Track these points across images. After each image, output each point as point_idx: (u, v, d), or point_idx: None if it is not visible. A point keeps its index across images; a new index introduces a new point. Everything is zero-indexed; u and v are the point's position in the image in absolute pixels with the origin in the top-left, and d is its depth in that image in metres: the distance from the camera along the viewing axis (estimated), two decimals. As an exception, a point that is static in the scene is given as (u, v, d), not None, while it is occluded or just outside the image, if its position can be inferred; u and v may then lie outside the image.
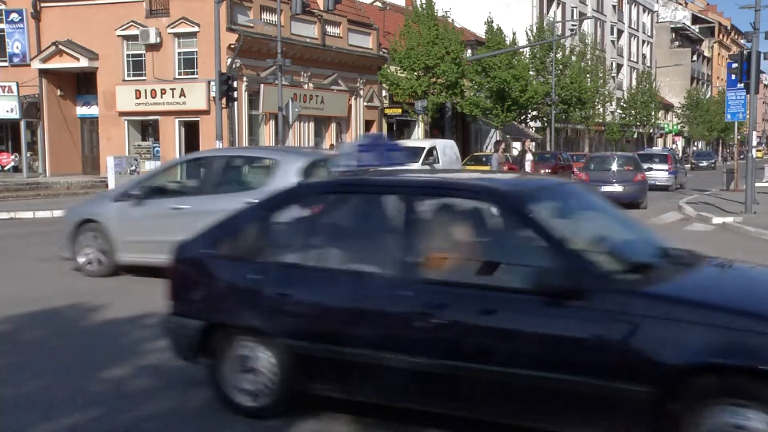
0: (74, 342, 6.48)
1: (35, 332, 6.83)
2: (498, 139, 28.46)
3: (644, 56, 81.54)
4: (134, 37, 29.86)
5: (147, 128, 31.37)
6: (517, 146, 52.87)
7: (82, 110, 32.15)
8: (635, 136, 73.28)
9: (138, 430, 4.53)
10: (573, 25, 55.32)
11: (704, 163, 58.64)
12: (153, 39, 29.22)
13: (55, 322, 7.19)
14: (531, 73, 43.01)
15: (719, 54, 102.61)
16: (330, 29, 34.14)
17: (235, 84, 24.27)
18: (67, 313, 7.58)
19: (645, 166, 28.41)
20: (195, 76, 29.49)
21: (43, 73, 30.65)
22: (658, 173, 29.48)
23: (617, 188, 20.60)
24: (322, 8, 31.30)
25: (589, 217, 5.09)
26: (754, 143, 19.38)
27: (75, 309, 7.74)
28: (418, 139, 38.30)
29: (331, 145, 33.74)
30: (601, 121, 59.94)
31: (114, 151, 28.89)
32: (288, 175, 8.03)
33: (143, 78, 30.17)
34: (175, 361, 5.85)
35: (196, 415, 4.73)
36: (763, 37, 29.65)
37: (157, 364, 5.77)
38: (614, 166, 22.75)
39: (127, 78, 30.51)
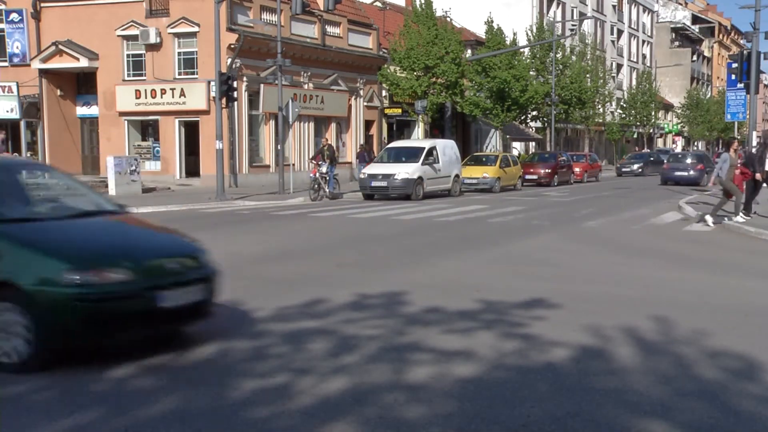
0: (74, 342, 6.45)
1: (35, 332, 6.81)
2: (734, 137, 25.08)
3: (644, 56, 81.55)
4: (134, 37, 29.87)
5: (147, 128, 31.38)
6: (517, 146, 52.96)
7: (82, 110, 32.16)
8: (635, 136, 73.31)
9: (139, 431, 4.52)
10: (573, 25, 55.35)
11: (634, 167, 46.47)
12: (153, 39, 29.23)
13: (56, 322, 7.16)
14: (531, 73, 43.03)
15: (719, 54, 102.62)
16: (330, 29, 34.15)
17: (235, 84, 24.29)
18: (67, 313, 7.55)
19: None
20: (195, 76, 29.50)
21: (43, 73, 30.67)
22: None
23: (686, 173, 33.30)
24: (322, 8, 31.29)
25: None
26: (754, 143, 19.38)
27: (75, 309, 7.71)
28: (418, 139, 38.32)
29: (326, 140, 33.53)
30: (601, 121, 59.95)
31: (114, 151, 28.91)
32: None
33: (143, 78, 30.18)
34: (177, 361, 5.85)
35: (198, 416, 4.72)
36: (763, 37, 29.69)
37: (160, 364, 5.77)
38: (686, 160, 34.74)
39: (127, 78, 30.51)
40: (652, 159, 48.93)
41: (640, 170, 46.35)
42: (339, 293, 8.34)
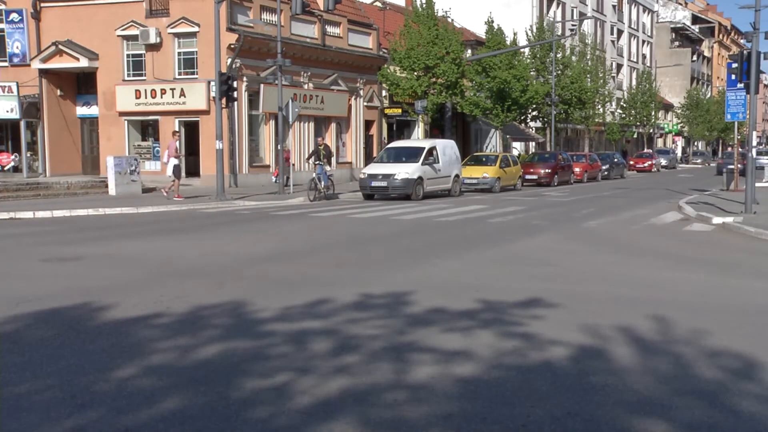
0: (75, 342, 6.46)
1: (35, 332, 6.82)
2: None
3: (644, 56, 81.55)
4: (134, 37, 29.89)
5: (147, 128, 31.40)
6: (517, 146, 52.94)
7: (82, 110, 32.18)
8: (635, 136, 73.30)
9: (139, 431, 4.52)
10: (573, 25, 55.36)
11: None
12: (153, 39, 29.24)
13: (55, 322, 7.18)
14: (531, 73, 43.05)
15: (719, 54, 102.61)
16: (330, 29, 34.15)
17: (235, 84, 24.29)
18: (67, 313, 7.57)
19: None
20: (195, 76, 29.51)
21: (43, 73, 30.68)
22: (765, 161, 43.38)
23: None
24: (322, 8, 31.32)
25: None
26: (754, 143, 19.36)
27: (75, 309, 7.73)
28: (418, 139, 38.32)
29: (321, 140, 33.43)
30: (601, 121, 59.97)
31: (114, 151, 28.94)
32: None
33: (143, 78, 30.20)
34: (178, 362, 5.85)
35: (198, 416, 4.72)
36: (763, 37, 29.67)
37: (160, 365, 5.76)
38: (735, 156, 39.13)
39: (127, 78, 30.52)
40: (615, 160, 45.54)
41: (605, 173, 42.60)
42: (341, 293, 8.35)
